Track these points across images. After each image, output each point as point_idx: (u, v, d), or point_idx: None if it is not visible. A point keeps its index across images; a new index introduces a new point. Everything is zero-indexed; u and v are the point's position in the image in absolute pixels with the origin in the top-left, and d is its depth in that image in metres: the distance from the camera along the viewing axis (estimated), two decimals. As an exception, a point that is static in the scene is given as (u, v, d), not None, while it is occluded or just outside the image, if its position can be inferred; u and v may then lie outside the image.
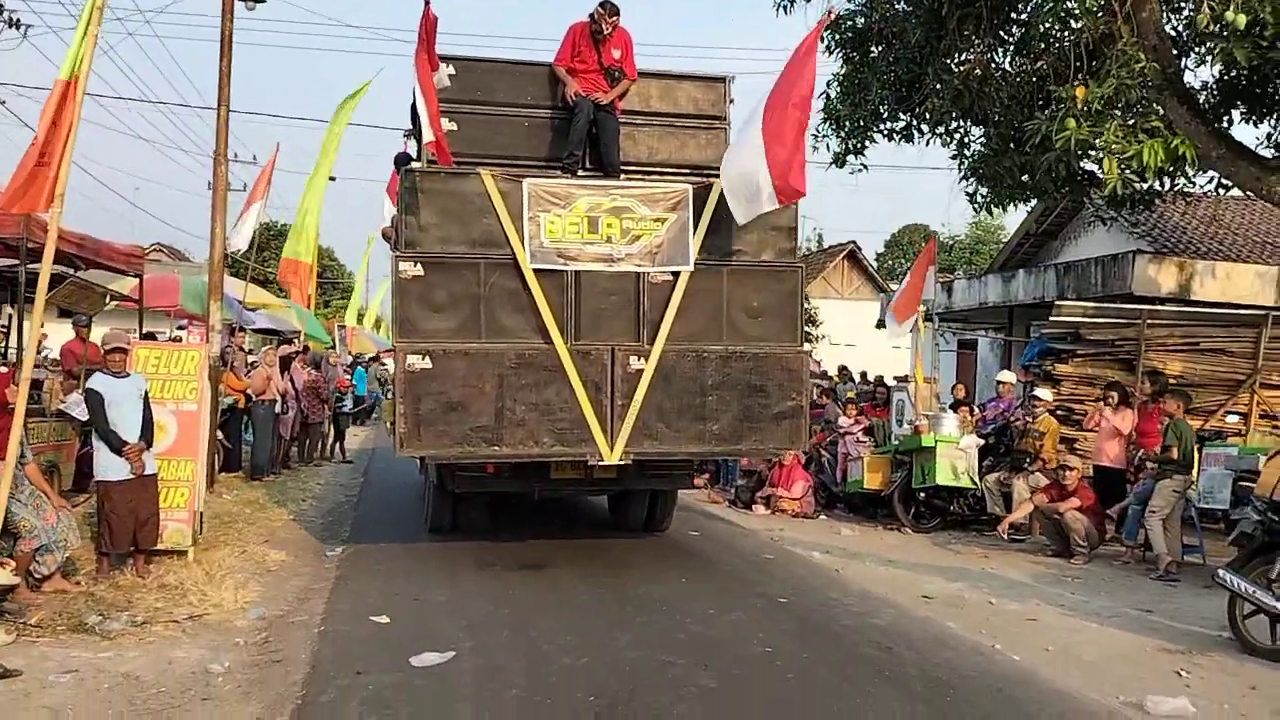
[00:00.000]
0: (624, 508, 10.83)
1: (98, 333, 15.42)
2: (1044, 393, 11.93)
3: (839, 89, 14.43)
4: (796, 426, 8.68)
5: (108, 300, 10.35)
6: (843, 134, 14.42)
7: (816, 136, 14.88)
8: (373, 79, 18.13)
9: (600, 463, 8.26)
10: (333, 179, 33.63)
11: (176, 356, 8.79)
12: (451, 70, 8.93)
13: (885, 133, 14.38)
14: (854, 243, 37.14)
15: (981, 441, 11.87)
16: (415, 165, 9.06)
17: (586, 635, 6.51)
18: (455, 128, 8.84)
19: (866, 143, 14.30)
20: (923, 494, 11.90)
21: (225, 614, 6.82)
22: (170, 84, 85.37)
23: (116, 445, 7.44)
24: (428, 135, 8.29)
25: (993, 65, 12.67)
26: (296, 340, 20.41)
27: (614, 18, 9.06)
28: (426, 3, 8.24)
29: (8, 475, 6.47)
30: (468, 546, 9.49)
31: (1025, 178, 13.33)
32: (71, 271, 9.63)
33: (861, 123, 14.08)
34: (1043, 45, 12.58)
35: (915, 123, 14.29)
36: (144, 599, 7.09)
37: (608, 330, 8.41)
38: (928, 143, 14.64)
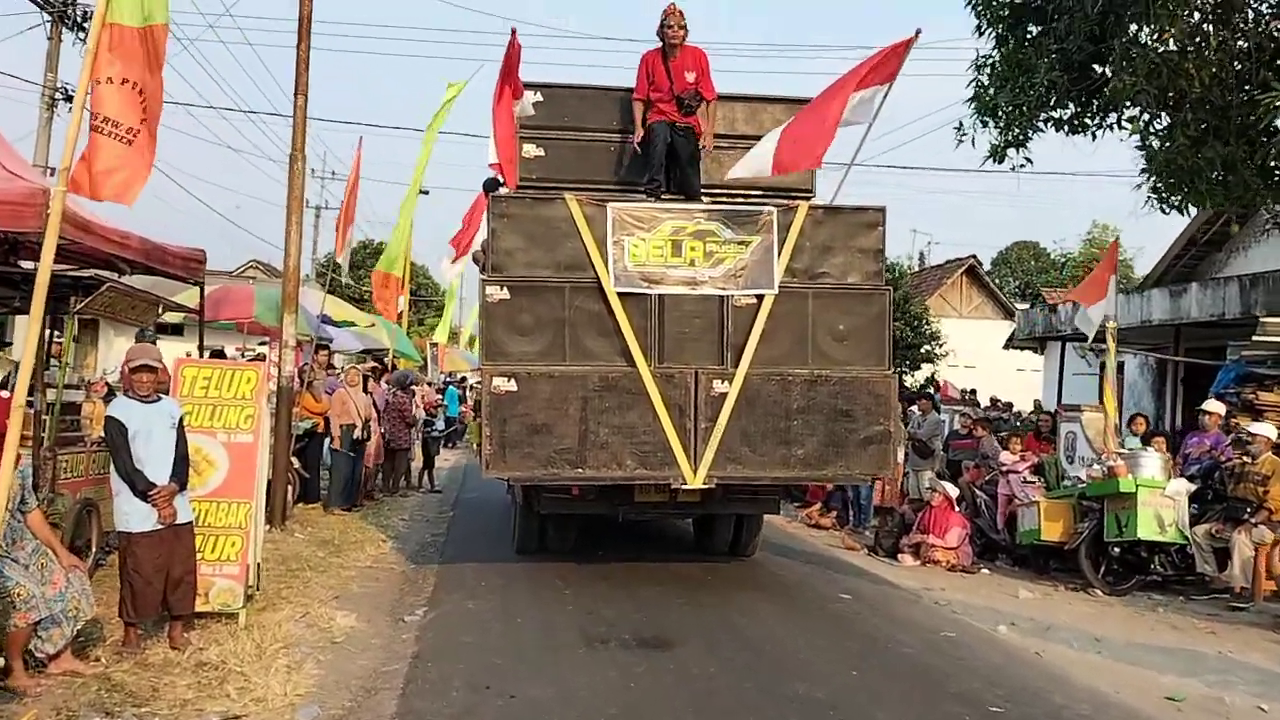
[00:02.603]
0: (709, 532, 10.63)
1: (174, 349, 14.26)
2: (1264, 428, 9.78)
3: (994, 72, 12.51)
4: (884, 452, 8.57)
5: (161, 310, 8.97)
6: (1000, 125, 12.50)
7: (959, 130, 13.02)
8: (470, 77, 16.75)
9: (683, 486, 8.20)
10: (425, 192, 32.65)
11: (230, 377, 7.31)
12: (538, 97, 9.02)
13: (1053, 122, 12.39)
14: (974, 257, 34.70)
15: (1192, 487, 9.77)
16: (503, 190, 8.96)
17: (744, 766, 4.75)
18: (543, 153, 9.10)
19: (1030, 133, 12.34)
20: (1117, 549, 9.84)
21: (270, 714, 5.24)
22: (260, 90, 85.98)
23: (142, 488, 5.95)
24: (491, 157, 8.59)
25: (1195, 35, 10.61)
26: (372, 359, 19.16)
27: (682, 29, 8.99)
28: (513, 31, 8.27)
29: (-7, 530, 5.01)
30: (572, 611, 7.81)
31: (1222, 175, 11.21)
32: (114, 277, 8.26)
33: (1025, 110, 12.12)
34: (1261, 9, 10.55)
35: (1089, 110, 12.30)
36: (172, 686, 5.57)
37: (691, 353, 8.42)
38: (1093, 135, 12.62)
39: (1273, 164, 10.83)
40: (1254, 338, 11.70)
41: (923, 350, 23.49)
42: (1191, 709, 6.13)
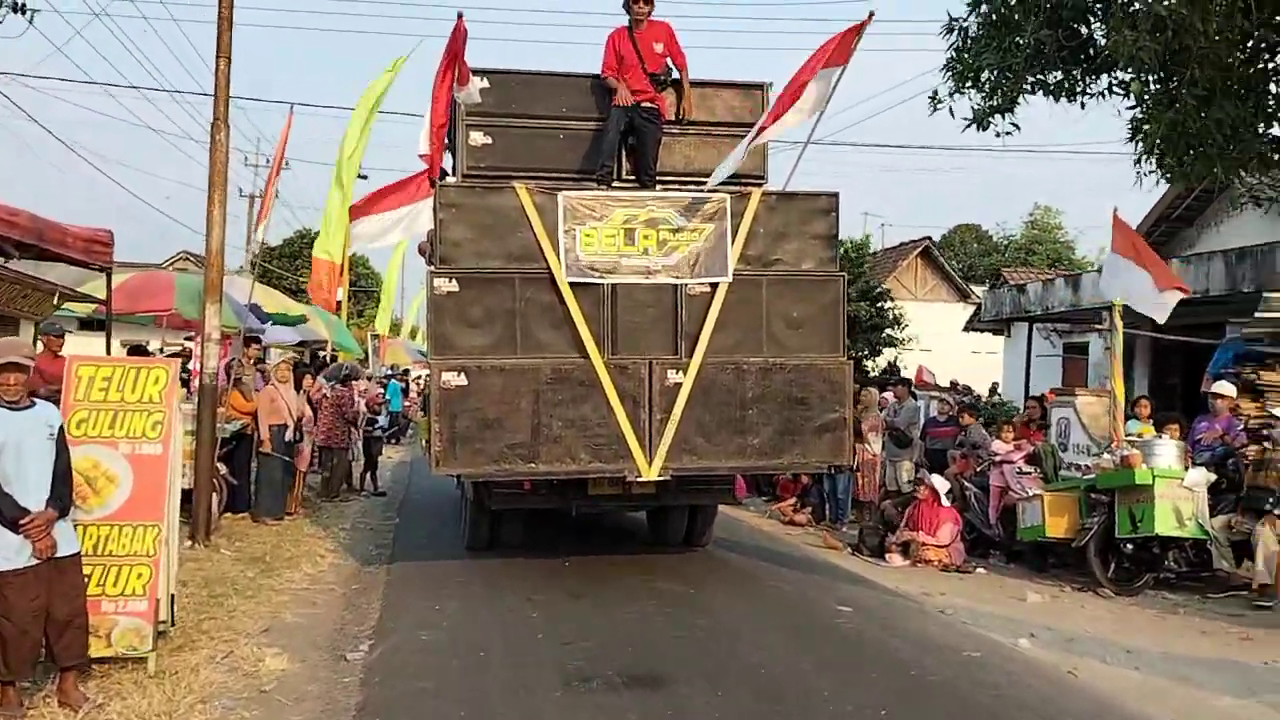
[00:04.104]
0: (662, 523, 10.58)
1: (79, 345, 12.95)
2: (1289, 411, 9.06)
3: (978, 32, 11.62)
4: (839, 439, 8.55)
5: (58, 300, 7.78)
6: (985, 89, 11.62)
7: (934, 99, 12.14)
8: (409, 53, 15.54)
9: (638, 479, 8.09)
10: (364, 177, 31.10)
11: (134, 376, 6.15)
12: (485, 83, 8.68)
13: (1042, 86, 11.53)
14: (929, 239, 34.16)
15: (1211, 477, 9.01)
16: (450, 180, 8.73)
17: None
18: (490, 141, 8.79)
19: (1018, 97, 11.47)
20: (1129, 546, 9.05)
21: (175, 799, 4.17)
22: (189, 73, 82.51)
23: (10, 515, 4.80)
24: (423, 147, 8.40)
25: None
26: (309, 352, 17.92)
27: (648, 3, 8.84)
28: (460, 16, 7.95)
29: None
30: (544, 641, 6.75)
31: (1230, 137, 10.45)
32: (1, 262, 7.07)
33: (1012, 73, 11.25)
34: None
35: (1079, 73, 11.47)
36: (55, 763, 4.47)
37: (645, 344, 8.31)
38: (1083, 104, 11.79)
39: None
40: (1257, 314, 11.00)
41: (884, 334, 22.72)
42: (1269, 741, 5.31)
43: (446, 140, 10.28)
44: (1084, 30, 10.88)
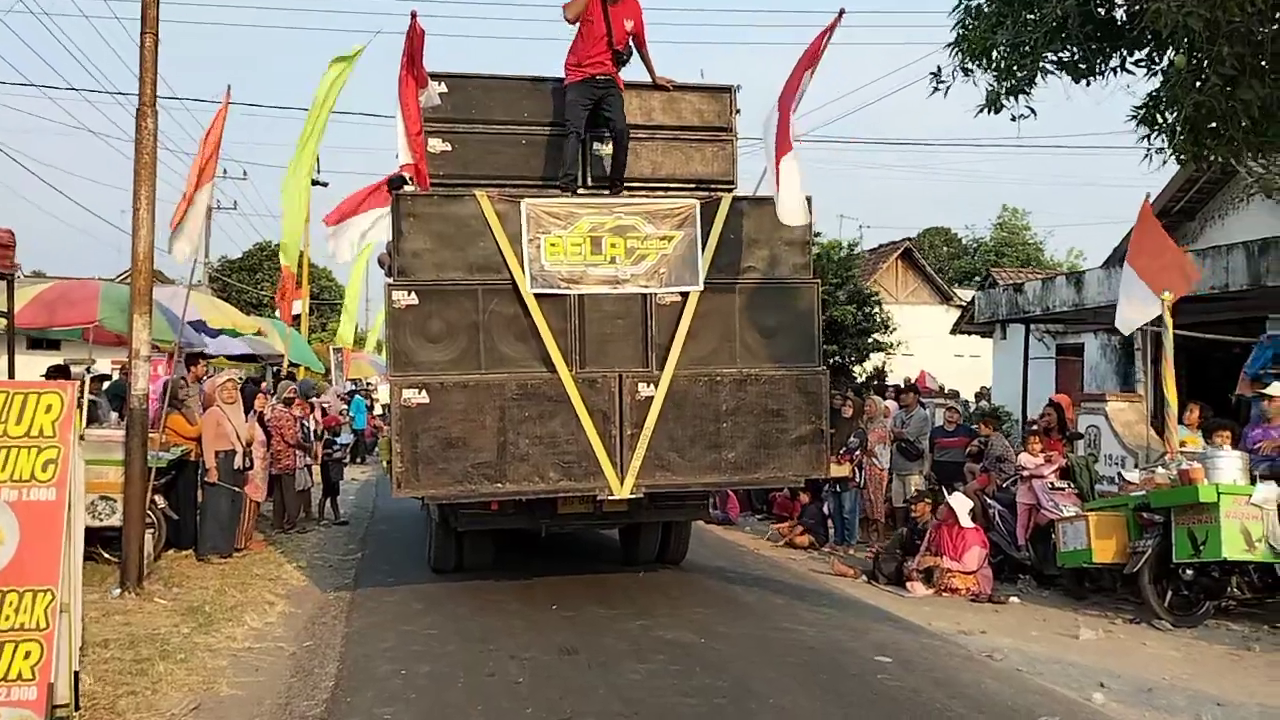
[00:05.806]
0: (635, 540, 10.07)
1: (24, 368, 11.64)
2: (1362, 415, 8.08)
3: (989, 7, 10.61)
4: (818, 452, 8.33)
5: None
6: (997, 69, 10.61)
7: (936, 76, 11.10)
8: (366, 45, 14.24)
9: (610, 497, 7.83)
10: (323, 184, 29.51)
11: (19, 404, 5.00)
12: (443, 88, 8.36)
13: (1062, 65, 10.53)
14: (909, 240, 33.31)
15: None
16: (408, 189, 8.28)
17: None
18: (449, 148, 8.41)
19: (1036, 78, 10.46)
20: (1189, 571, 8.03)
21: None
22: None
23: None
24: (405, 158, 7.97)
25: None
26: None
27: None
28: (413, 15, 7.69)
29: None
30: (533, 717, 5.60)
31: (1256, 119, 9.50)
32: None
33: (1030, 49, 10.24)
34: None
35: (1099, 51, 10.48)
36: None
37: (614, 356, 8.05)
38: (1088, 82, 10.82)
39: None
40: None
41: (871, 338, 21.66)
42: None
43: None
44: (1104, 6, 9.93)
